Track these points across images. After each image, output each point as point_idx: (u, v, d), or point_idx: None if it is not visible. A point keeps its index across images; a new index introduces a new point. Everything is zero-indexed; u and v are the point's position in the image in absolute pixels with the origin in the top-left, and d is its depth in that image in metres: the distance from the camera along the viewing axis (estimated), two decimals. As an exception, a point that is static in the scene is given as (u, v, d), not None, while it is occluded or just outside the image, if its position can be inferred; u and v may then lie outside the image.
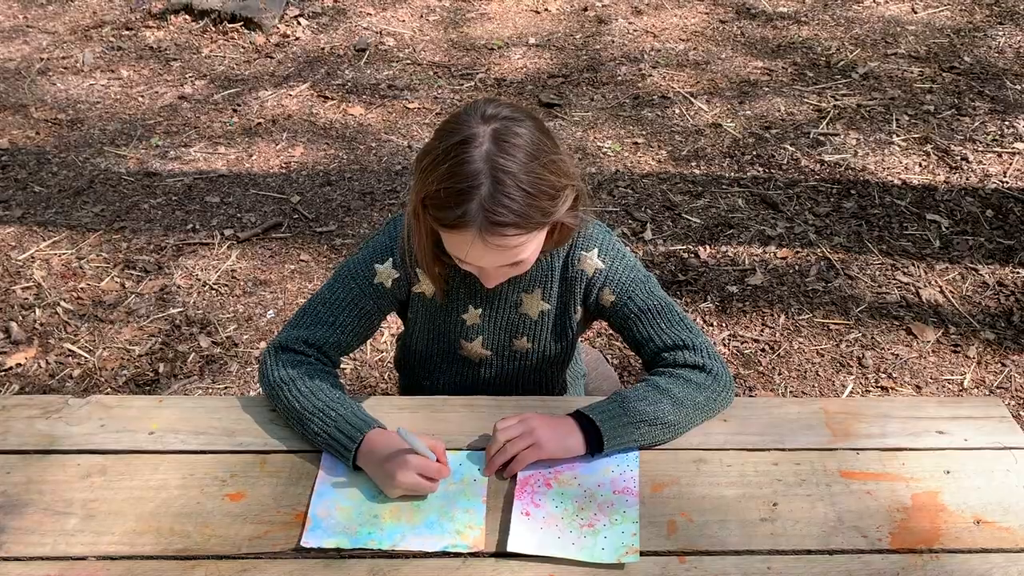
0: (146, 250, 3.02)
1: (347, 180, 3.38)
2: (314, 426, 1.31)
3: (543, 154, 1.21)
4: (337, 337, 1.43)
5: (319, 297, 1.45)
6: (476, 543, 1.21)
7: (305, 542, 1.20)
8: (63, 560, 1.19)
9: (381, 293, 1.43)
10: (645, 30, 4.39)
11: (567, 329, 1.52)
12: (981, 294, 2.78)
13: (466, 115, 1.22)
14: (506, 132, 1.19)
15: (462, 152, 1.18)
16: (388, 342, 2.65)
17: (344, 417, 1.30)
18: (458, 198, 1.17)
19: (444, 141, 1.20)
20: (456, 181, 1.17)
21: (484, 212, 1.17)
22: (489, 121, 1.20)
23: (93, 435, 1.37)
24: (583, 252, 1.43)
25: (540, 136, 1.23)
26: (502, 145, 1.18)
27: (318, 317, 1.43)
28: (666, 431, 1.35)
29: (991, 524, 1.24)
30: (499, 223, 1.18)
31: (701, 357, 1.39)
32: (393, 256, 1.42)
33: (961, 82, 3.88)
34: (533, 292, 1.46)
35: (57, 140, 3.63)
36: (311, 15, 4.52)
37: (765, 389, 2.48)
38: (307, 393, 1.34)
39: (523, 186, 1.18)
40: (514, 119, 1.21)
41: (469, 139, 1.18)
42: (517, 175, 1.18)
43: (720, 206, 3.18)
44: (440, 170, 1.18)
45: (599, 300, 1.45)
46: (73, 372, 2.56)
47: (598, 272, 1.43)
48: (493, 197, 1.16)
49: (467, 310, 1.47)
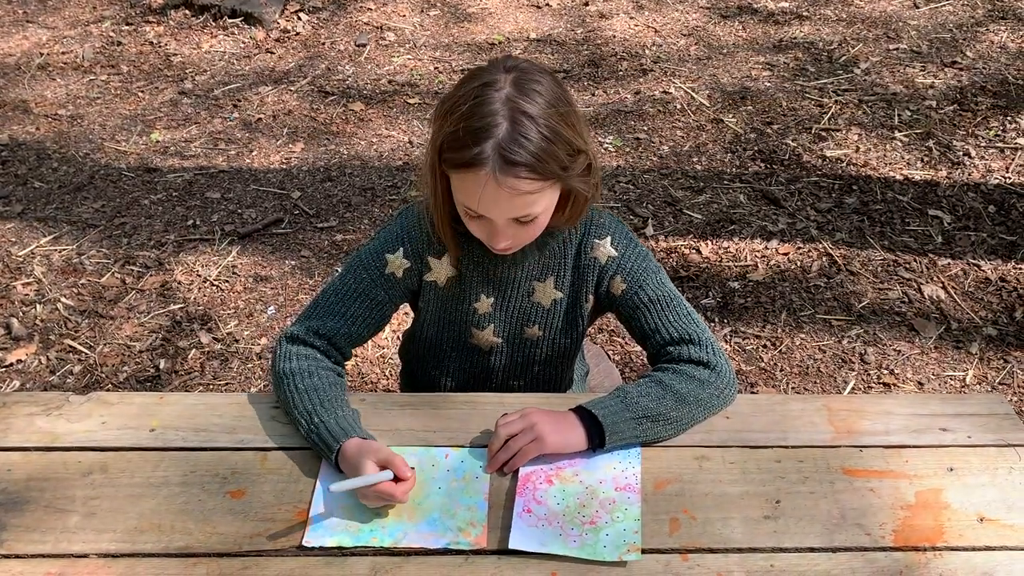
0: (147, 246, 3.01)
1: (348, 176, 3.38)
2: (302, 427, 1.32)
3: (561, 105, 1.24)
4: (348, 328, 1.43)
5: (331, 288, 1.45)
6: (478, 540, 1.20)
7: (307, 541, 1.19)
8: (64, 558, 1.18)
9: (392, 283, 1.44)
10: (646, 25, 4.38)
11: (578, 318, 1.51)
12: (983, 290, 2.78)
13: (488, 65, 1.26)
14: (527, 79, 1.22)
15: (482, 93, 1.20)
16: (390, 338, 2.65)
17: (325, 423, 1.29)
18: (475, 136, 1.18)
19: (464, 86, 1.23)
20: (475, 120, 1.19)
21: (500, 150, 1.18)
22: (511, 71, 1.23)
23: (94, 432, 1.37)
24: (596, 240, 1.43)
25: (559, 90, 1.25)
26: (523, 89, 1.21)
27: (330, 308, 1.43)
28: (668, 427, 1.34)
29: (995, 522, 1.23)
30: (514, 162, 1.18)
31: (706, 353, 1.39)
32: (404, 246, 1.42)
33: (963, 77, 3.86)
34: (546, 280, 1.46)
35: (57, 136, 3.63)
36: (311, 10, 4.51)
37: (767, 385, 2.48)
38: (302, 391, 1.34)
39: (541, 129, 1.20)
40: (535, 71, 1.25)
41: (490, 83, 1.21)
42: (536, 118, 1.20)
43: (722, 202, 3.17)
44: (460, 111, 1.20)
45: (610, 288, 1.45)
46: (74, 368, 2.56)
47: (611, 260, 1.43)
48: (511, 136, 1.18)
49: (479, 298, 1.47)
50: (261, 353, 2.60)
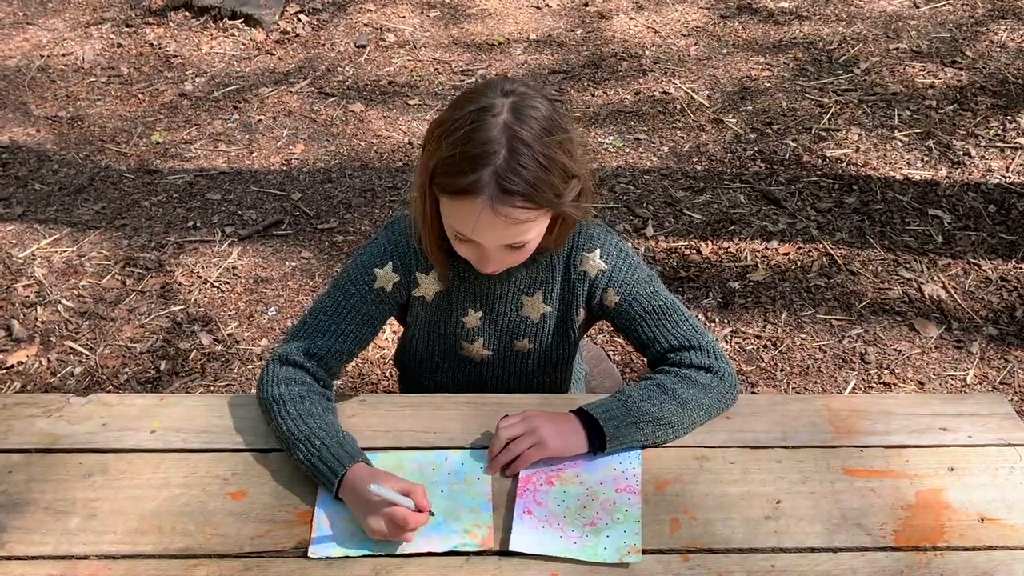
0: (147, 248, 3.01)
1: (348, 177, 3.38)
2: (298, 452, 1.27)
3: (558, 131, 1.22)
4: (339, 346, 1.40)
5: (320, 305, 1.42)
6: (485, 541, 1.20)
7: (313, 553, 1.18)
8: (65, 560, 1.18)
9: (382, 298, 1.42)
10: (646, 26, 4.38)
11: (569, 331, 1.51)
12: (984, 290, 2.78)
13: (485, 87, 1.23)
14: (525, 105, 1.20)
15: (480, 118, 1.18)
16: (390, 339, 2.65)
17: (328, 447, 1.25)
18: (473, 163, 1.17)
19: (461, 109, 1.20)
20: (472, 146, 1.17)
21: (497, 179, 1.16)
22: (508, 95, 1.21)
23: (95, 434, 1.37)
24: (585, 253, 1.41)
25: (556, 116, 1.23)
26: (520, 116, 1.19)
27: (319, 326, 1.40)
28: (669, 431, 1.34)
29: (995, 521, 1.23)
30: (511, 191, 1.17)
31: (708, 358, 1.38)
32: (393, 259, 1.40)
33: (963, 77, 3.86)
34: (534, 295, 1.45)
35: (57, 137, 3.63)
36: (311, 11, 4.51)
37: (767, 385, 2.48)
38: (295, 416, 1.30)
39: (538, 158, 1.18)
40: (532, 95, 1.22)
41: (488, 107, 1.19)
42: (533, 146, 1.18)
43: (722, 202, 3.17)
44: (456, 135, 1.18)
45: (603, 301, 1.44)
46: (74, 370, 2.56)
47: (601, 273, 1.42)
48: (508, 165, 1.17)
49: (467, 313, 1.46)
50: (262, 354, 2.60)
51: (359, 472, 1.22)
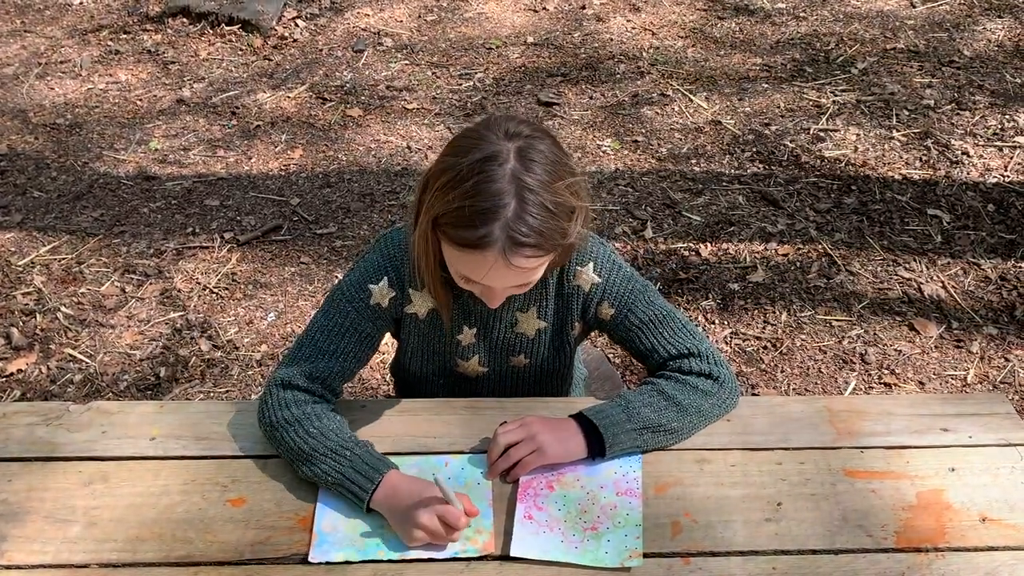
0: (146, 254, 3.01)
1: (346, 182, 3.38)
2: (325, 466, 1.26)
3: (565, 173, 1.20)
4: (340, 365, 1.38)
5: (316, 325, 1.40)
6: (486, 546, 1.20)
7: (313, 558, 1.19)
8: (65, 568, 1.18)
9: (379, 313, 1.39)
10: (643, 27, 4.38)
11: (565, 344, 1.50)
12: (983, 289, 2.78)
13: (487, 130, 1.19)
14: (530, 149, 1.17)
15: (486, 169, 1.14)
16: (389, 343, 2.64)
17: (360, 457, 1.26)
18: (484, 217, 1.14)
19: (465, 157, 1.16)
20: (481, 200, 1.14)
21: (509, 231, 1.14)
22: (513, 139, 1.17)
23: (94, 442, 1.37)
24: (578, 267, 1.40)
25: (560, 155, 1.21)
26: (527, 163, 1.16)
27: (317, 347, 1.37)
28: (670, 437, 1.34)
29: (997, 522, 1.23)
30: (523, 244, 1.15)
31: (708, 364, 1.38)
32: (388, 275, 1.38)
33: (961, 76, 3.86)
34: (528, 311, 1.44)
35: (56, 145, 3.63)
36: (308, 16, 4.51)
37: (767, 387, 2.47)
38: (316, 435, 1.29)
39: (547, 204, 1.16)
40: (536, 137, 1.20)
41: (493, 156, 1.15)
42: (540, 193, 1.15)
43: (720, 203, 3.17)
44: (463, 187, 1.15)
45: (598, 314, 1.43)
46: (74, 378, 2.55)
47: (595, 287, 1.40)
48: (519, 217, 1.14)
49: (462, 331, 1.45)
50: (261, 360, 2.60)
51: (397, 480, 1.24)
